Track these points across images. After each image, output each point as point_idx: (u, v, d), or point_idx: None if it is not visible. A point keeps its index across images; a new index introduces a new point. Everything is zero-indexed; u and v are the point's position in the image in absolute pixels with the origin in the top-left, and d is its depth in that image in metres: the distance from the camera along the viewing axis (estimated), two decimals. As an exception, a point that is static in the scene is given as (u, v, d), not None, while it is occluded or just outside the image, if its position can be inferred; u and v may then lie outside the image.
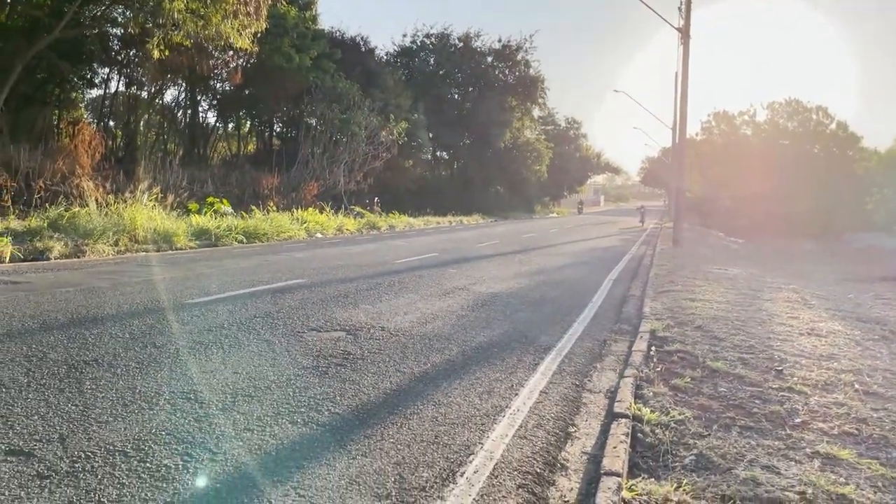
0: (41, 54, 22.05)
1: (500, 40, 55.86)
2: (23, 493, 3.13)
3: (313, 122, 34.39)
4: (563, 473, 3.78)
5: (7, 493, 3.12)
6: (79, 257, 13.46)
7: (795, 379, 5.53)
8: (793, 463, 3.85)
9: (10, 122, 22.40)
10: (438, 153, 56.23)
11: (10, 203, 16.18)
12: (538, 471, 3.76)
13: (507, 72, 56.38)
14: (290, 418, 4.32)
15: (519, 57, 55.79)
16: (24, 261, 12.37)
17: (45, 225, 14.59)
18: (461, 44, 54.26)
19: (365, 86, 36.30)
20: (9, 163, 19.06)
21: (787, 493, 3.44)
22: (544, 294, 10.54)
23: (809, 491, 3.46)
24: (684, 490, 3.44)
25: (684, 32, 22.56)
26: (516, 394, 5.15)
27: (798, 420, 4.59)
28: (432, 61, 54.09)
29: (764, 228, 37.28)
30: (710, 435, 4.26)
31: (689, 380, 5.48)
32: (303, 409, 4.49)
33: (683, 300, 9.72)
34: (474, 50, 54.77)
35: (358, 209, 32.38)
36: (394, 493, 3.35)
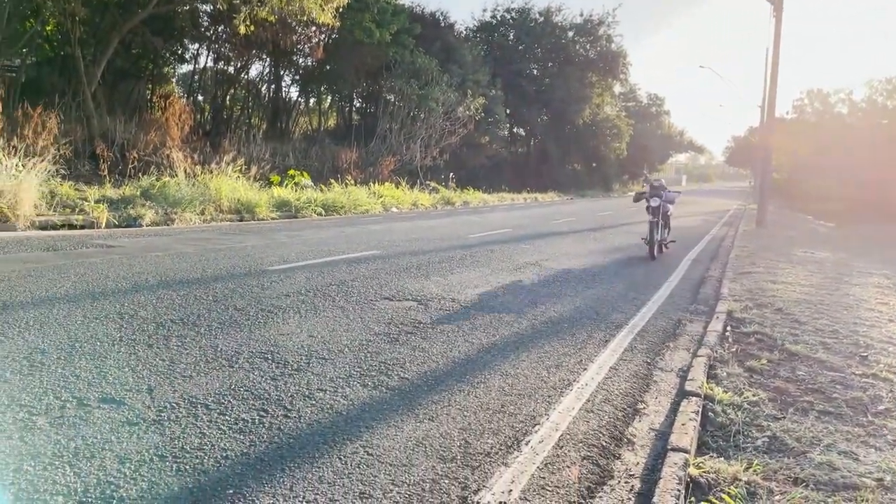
0: (136, 30, 22.98)
1: (581, 14, 54.79)
2: (113, 437, 3.36)
3: (392, 97, 34.63)
4: (630, 448, 3.76)
5: (100, 436, 3.35)
6: (168, 224, 14.10)
7: (881, 366, 5.31)
8: (872, 450, 3.72)
9: (108, 95, 23.50)
10: (515, 129, 55.70)
11: (106, 172, 17.03)
12: (604, 444, 3.76)
13: (588, 47, 55.16)
14: (360, 381, 4.45)
15: (601, 31, 54.48)
16: (118, 227, 13.05)
17: (138, 193, 15.32)
18: (542, 18, 53.36)
19: (443, 61, 36.25)
20: (106, 134, 20.05)
21: (864, 479, 3.33)
22: (618, 272, 10.39)
23: (888, 478, 3.35)
24: (754, 471, 3.38)
25: (776, 5, 21.53)
26: (585, 369, 5.14)
27: (881, 407, 4.42)
28: (512, 36, 53.44)
29: (856, 212, 35.40)
30: (785, 418, 4.16)
31: (765, 362, 5.34)
32: (373, 373, 4.62)
33: (764, 282, 9.41)
34: (555, 24, 53.79)
35: (433, 184, 32.55)
36: (459, 457, 3.42)
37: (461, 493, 3.05)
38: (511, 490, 3.11)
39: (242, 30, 21.34)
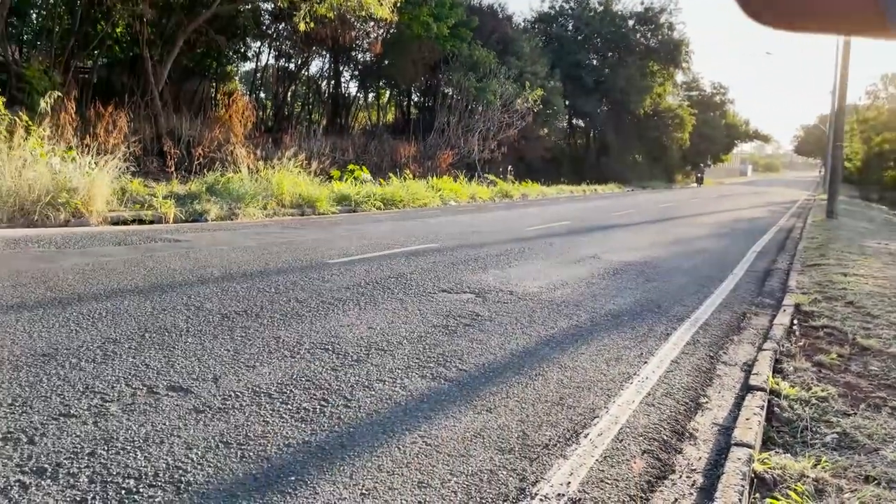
0: (200, 29, 23.59)
1: (642, 3, 53.58)
2: (181, 423, 3.47)
3: (449, 90, 34.65)
4: (692, 442, 3.69)
5: (168, 423, 3.47)
6: (232, 219, 14.45)
7: (961, 361, 5.07)
8: (950, 448, 3.55)
9: (174, 94, 24.21)
10: (574, 120, 55.02)
11: (173, 169, 17.57)
12: (665, 438, 3.70)
13: (648, 35, 54.01)
14: (419, 372, 4.49)
15: (662, 20, 53.26)
16: (185, 222, 13.45)
17: (204, 189, 15.75)
18: (601, 7, 52.53)
19: (501, 53, 36.07)
20: (172, 131, 20.69)
21: (941, 478, 3.19)
22: (680, 264, 10.18)
23: (967, 478, 3.20)
24: (823, 467, 3.27)
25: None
26: (645, 362, 5.06)
27: (960, 404, 4.22)
28: (570, 26, 52.78)
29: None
30: (856, 414, 4.01)
31: (835, 356, 5.16)
32: (432, 365, 4.65)
33: (834, 275, 9.08)
34: (615, 13, 52.86)
35: (491, 177, 32.45)
36: (517, 449, 3.42)
37: (519, 484, 3.05)
38: (570, 482, 3.09)
39: (302, 27, 21.65)
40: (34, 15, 23.65)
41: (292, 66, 33.35)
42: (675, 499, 3.04)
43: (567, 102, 47.65)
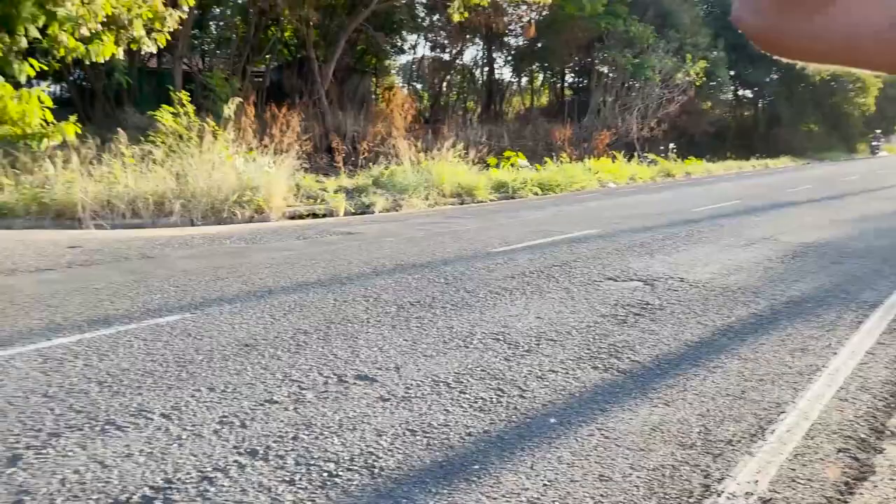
0: (360, 28, 24.68)
1: (816, -43, 49.19)
2: (369, 411, 3.73)
3: (604, 69, 33.82)
4: (894, 442, 3.44)
5: (357, 410, 3.74)
6: (396, 210, 15.07)
7: None
8: None
9: (338, 92, 25.53)
10: (740, 92, 51.71)
11: (341, 164, 18.56)
12: (862, 436, 3.47)
13: (825, -7, 49.58)
14: (590, 363, 4.50)
15: (841, -27, 48.64)
16: (354, 214, 14.20)
17: (370, 182, 16.53)
18: (769, -33, 48.88)
19: (659, 27, 34.60)
20: (339, 128, 21.86)
21: None
22: (868, 244, 9.36)
23: None
24: None
25: None
26: (835, 353, 4.74)
27: None
28: (735, -9, 49.61)
29: None
30: None
31: None
32: (603, 356, 4.64)
33: None
34: (785, -28, 49.00)
35: (651, 156, 31.33)
36: (699, 444, 3.35)
37: (703, 480, 3.00)
38: (757, 481, 3.00)
39: (456, 17, 22.00)
40: (213, 26, 25.87)
41: (447, 55, 34.02)
42: (879, 503, 2.86)
43: (732, 73, 44.87)
